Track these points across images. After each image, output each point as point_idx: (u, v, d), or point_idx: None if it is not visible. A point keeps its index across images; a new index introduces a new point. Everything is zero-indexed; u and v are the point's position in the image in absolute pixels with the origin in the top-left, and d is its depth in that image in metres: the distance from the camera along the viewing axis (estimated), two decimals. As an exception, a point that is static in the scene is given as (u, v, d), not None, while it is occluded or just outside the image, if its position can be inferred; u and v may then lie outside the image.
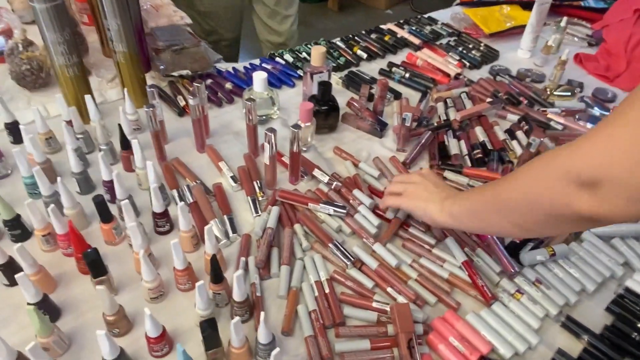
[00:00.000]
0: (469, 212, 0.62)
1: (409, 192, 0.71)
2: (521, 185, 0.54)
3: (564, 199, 0.47)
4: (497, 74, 1.18)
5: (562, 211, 0.48)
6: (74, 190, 0.80)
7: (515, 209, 0.55)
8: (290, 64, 1.18)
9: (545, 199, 0.50)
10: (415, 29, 1.36)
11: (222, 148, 0.92)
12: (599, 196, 0.43)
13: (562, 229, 0.51)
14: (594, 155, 0.44)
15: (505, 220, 0.57)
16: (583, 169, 0.44)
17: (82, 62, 0.88)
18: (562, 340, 0.64)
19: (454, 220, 0.64)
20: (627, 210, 0.43)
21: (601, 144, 0.44)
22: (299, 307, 0.65)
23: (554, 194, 0.48)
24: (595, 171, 0.43)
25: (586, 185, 0.44)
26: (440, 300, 0.67)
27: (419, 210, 0.69)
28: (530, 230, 0.56)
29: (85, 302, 0.65)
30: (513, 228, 0.57)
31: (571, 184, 0.45)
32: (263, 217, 0.76)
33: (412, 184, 0.72)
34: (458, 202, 0.63)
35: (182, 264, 0.63)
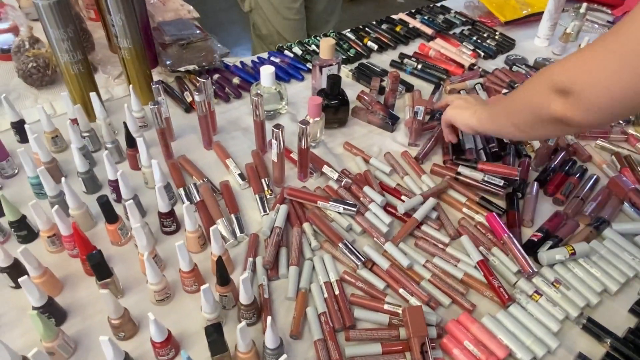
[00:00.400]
0: (489, 116, 0.71)
1: (454, 102, 0.81)
2: (521, 90, 0.64)
3: (543, 101, 0.56)
4: (514, 64, 1.14)
5: (542, 112, 0.57)
6: (81, 190, 0.79)
7: (515, 110, 0.65)
8: (299, 57, 1.16)
9: (533, 101, 0.59)
10: (427, 18, 1.32)
11: (230, 145, 0.91)
12: (568, 102, 0.53)
13: (546, 130, 0.61)
14: (569, 68, 0.53)
15: (509, 122, 0.66)
16: (560, 78, 0.53)
17: (87, 59, 0.87)
18: (583, 343, 0.61)
19: (479, 124, 0.73)
20: (586, 117, 0.52)
21: (579, 60, 0.52)
22: (308, 309, 0.63)
23: (537, 97, 0.58)
24: (567, 80, 0.52)
25: (560, 92, 0.53)
26: (454, 301, 0.65)
27: (457, 115, 0.78)
28: (523, 131, 0.65)
29: (92, 305, 0.64)
30: (513, 128, 0.66)
31: (550, 89, 0.54)
32: (271, 215, 0.74)
33: (458, 99, 0.82)
34: (486, 109, 0.73)
35: (187, 265, 0.61)
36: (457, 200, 0.79)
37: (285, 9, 1.60)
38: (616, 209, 0.78)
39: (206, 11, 3.23)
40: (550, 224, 0.74)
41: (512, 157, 0.85)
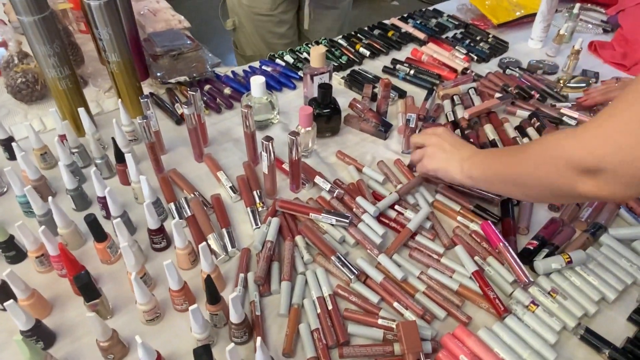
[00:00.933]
0: (484, 178, 0.68)
1: (428, 153, 0.76)
2: (530, 164, 0.58)
3: (568, 182, 0.52)
4: (507, 67, 1.13)
5: (567, 192, 0.54)
6: (70, 207, 0.78)
7: (524, 183, 0.61)
8: (291, 65, 1.15)
9: (551, 180, 0.55)
10: (419, 22, 1.32)
11: (222, 156, 0.90)
12: (600, 181, 0.49)
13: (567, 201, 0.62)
14: (591, 144, 0.49)
15: (515, 190, 0.64)
16: (585, 158, 0.49)
17: (75, 74, 0.86)
18: (582, 354, 0.60)
19: (472, 182, 0.69)
20: (626, 193, 0.49)
21: (599, 133, 0.48)
22: (301, 326, 0.62)
23: (559, 178, 0.53)
24: (593, 159, 0.48)
25: (588, 172, 0.49)
26: (450, 314, 0.64)
27: (440, 171, 0.74)
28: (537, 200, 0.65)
29: (82, 325, 0.63)
30: (523, 197, 0.66)
31: (575, 170, 0.50)
32: (263, 229, 0.73)
33: (430, 146, 0.76)
34: (475, 167, 0.68)
35: (177, 284, 0.60)
36: (451, 208, 0.78)
37: (269, 33, 1.46)
38: (613, 214, 0.77)
39: (199, 19, 3.23)
40: (546, 231, 0.73)
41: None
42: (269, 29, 1.45)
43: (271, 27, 1.45)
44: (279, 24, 1.45)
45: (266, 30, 1.45)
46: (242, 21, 1.47)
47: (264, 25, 1.44)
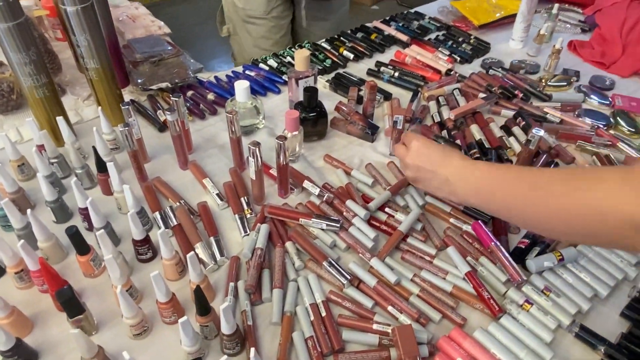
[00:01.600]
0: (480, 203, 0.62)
1: (415, 179, 0.71)
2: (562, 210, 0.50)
3: (624, 240, 0.46)
4: (490, 67, 1.14)
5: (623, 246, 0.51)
6: (50, 220, 0.75)
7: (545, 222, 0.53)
8: (275, 70, 1.14)
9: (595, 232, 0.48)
10: (402, 25, 1.32)
11: (207, 163, 0.88)
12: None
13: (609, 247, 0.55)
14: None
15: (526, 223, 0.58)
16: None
17: (52, 82, 0.83)
18: (577, 352, 0.60)
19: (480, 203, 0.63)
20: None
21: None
22: (295, 334, 0.60)
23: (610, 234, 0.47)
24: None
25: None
26: (445, 316, 0.63)
27: (440, 194, 0.69)
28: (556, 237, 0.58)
29: (65, 343, 0.60)
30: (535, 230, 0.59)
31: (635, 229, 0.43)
32: (252, 236, 0.71)
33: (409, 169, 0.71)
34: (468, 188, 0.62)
35: (164, 296, 0.58)
36: (441, 210, 0.77)
37: (262, 39, 1.43)
38: (601, 210, 0.77)
39: (180, 25, 3.20)
40: (536, 230, 0.73)
41: (493, 162, 0.84)
42: (263, 34, 1.42)
43: (265, 33, 1.42)
44: (273, 30, 1.42)
45: (260, 36, 1.43)
46: (237, 28, 1.46)
47: (258, 30, 1.42)
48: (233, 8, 1.42)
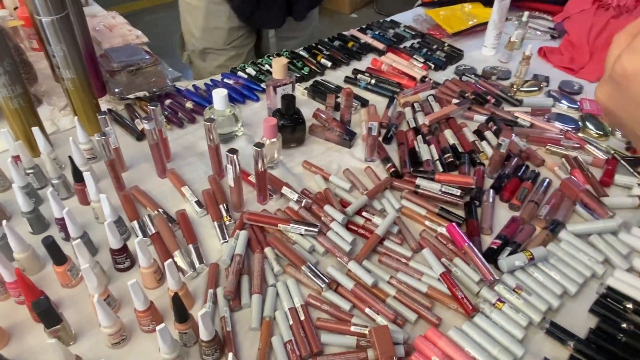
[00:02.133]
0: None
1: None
2: None
3: None
4: (463, 73, 1.17)
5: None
6: (27, 231, 0.74)
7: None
8: (253, 78, 1.15)
9: None
10: (378, 33, 1.35)
11: (186, 171, 0.88)
12: None
13: None
14: None
15: None
16: None
17: (27, 93, 0.83)
18: (548, 348, 0.62)
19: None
20: None
21: None
22: (274, 338, 0.61)
23: None
24: None
25: None
26: (420, 316, 0.64)
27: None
28: None
29: (42, 354, 0.60)
30: None
31: None
32: (231, 243, 0.72)
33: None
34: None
35: (142, 304, 0.58)
36: (417, 213, 0.79)
37: (223, 67, 1.35)
38: (569, 211, 0.80)
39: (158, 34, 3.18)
40: (508, 230, 0.75)
41: (467, 166, 0.87)
42: (223, 62, 1.37)
43: (225, 62, 1.37)
44: (235, 58, 1.37)
45: (219, 65, 1.37)
46: (196, 56, 1.40)
47: (219, 60, 1.37)
48: (192, 38, 1.36)
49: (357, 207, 0.78)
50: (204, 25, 1.31)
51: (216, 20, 1.29)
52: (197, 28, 1.32)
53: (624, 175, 0.87)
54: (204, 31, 1.32)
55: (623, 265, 0.71)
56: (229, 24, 1.30)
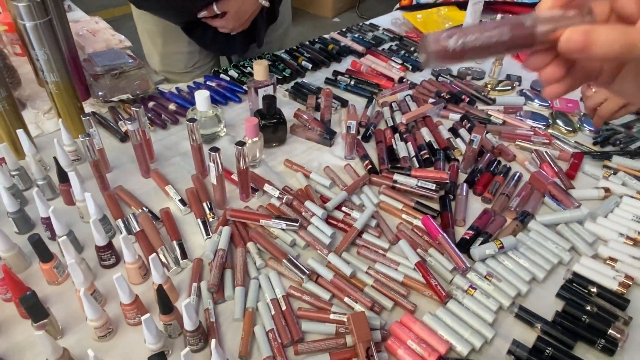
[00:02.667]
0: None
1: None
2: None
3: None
4: (439, 74, 1.21)
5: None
6: (12, 230, 0.76)
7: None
8: (236, 80, 1.17)
9: None
10: (357, 36, 1.38)
11: (170, 171, 0.90)
12: None
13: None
14: None
15: None
16: None
17: (11, 96, 0.84)
18: (517, 330, 0.66)
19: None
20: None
21: None
22: (256, 327, 0.63)
23: None
24: None
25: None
26: (397, 303, 0.67)
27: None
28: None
29: (30, 349, 0.61)
30: None
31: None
32: (214, 238, 0.74)
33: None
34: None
35: (128, 298, 0.60)
36: (394, 207, 0.82)
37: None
38: (538, 202, 0.84)
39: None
40: (480, 222, 0.79)
41: (442, 162, 0.90)
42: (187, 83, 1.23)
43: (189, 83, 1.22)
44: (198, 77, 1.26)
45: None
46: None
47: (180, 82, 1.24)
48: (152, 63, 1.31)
49: (336, 202, 0.81)
50: (162, 50, 1.25)
51: (175, 45, 1.23)
52: (157, 53, 1.26)
53: (593, 167, 0.91)
54: (163, 56, 1.27)
55: (588, 252, 0.75)
56: (189, 48, 1.24)
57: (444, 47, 0.35)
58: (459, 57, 0.35)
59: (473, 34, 0.34)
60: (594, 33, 0.31)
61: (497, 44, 0.35)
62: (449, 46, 0.35)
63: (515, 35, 0.34)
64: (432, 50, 0.35)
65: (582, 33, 0.32)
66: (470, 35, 0.34)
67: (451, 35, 0.35)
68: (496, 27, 0.35)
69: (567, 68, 0.37)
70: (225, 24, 1.06)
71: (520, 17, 0.35)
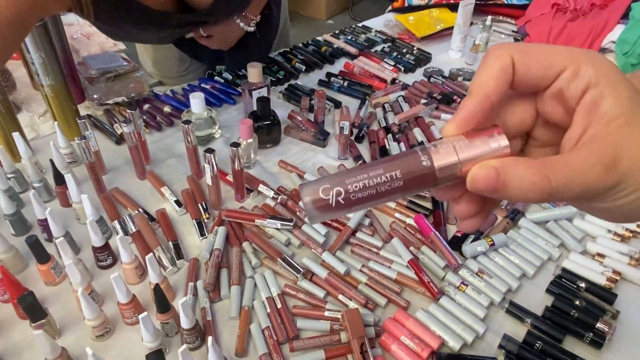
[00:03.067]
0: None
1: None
2: None
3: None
4: (431, 75, 1.23)
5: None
6: (9, 232, 0.76)
7: None
8: (230, 82, 1.18)
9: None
10: (350, 38, 1.40)
11: (165, 173, 0.91)
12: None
13: None
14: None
15: None
16: None
17: (7, 99, 0.85)
18: (508, 325, 0.67)
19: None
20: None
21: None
22: (252, 325, 0.64)
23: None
24: None
25: None
26: (390, 300, 0.69)
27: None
28: None
29: (28, 349, 0.62)
30: None
31: None
32: (210, 238, 0.75)
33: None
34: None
35: (125, 297, 0.61)
36: (387, 206, 0.84)
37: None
38: (529, 200, 0.85)
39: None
40: (471, 220, 0.80)
41: (434, 162, 0.92)
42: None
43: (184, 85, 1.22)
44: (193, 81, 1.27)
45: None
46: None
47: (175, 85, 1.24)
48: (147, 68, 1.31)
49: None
50: (154, 55, 1.27)
51: (167, 50, 1.23)
52: (149, 57, 1.28)
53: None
54: (155, 61, 1.28)
55: (577, 248, 0.77)
56: (180, 54, 1.23)
57: (323, 200, 0.29)
58: (344, 208, 0.30)
59: (357, 182, 0.29)
60: (506, 170, 0.26)
61: (391, 191, 0.29)
62: (329, 200, 0.29)
63: (411, 180, 0.29)
64: (309, 203, 0.30)
65: (492, 171, 0.26)
66: (353, 184, 0.29)
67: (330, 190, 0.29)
68: (386, 170, 0.29)
69: (482, 201, 0.31)
70: (211, 45, 1.08)
71: (415, 151, 0.29)
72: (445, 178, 0.29)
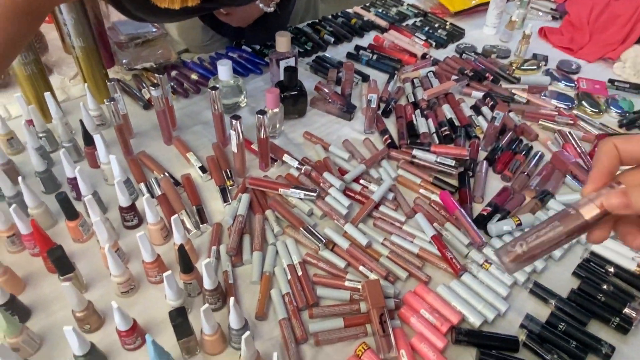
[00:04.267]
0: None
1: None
2: None
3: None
4: (463, 52, 1.19)
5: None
6: (39, 190, 0.78)
7: None
8: (257, 52, 1.17)
9: None
10: (381, 11, 1.36)
11: (191, 139, 0.92)
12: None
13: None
14: None
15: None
16: None
17: (39, 60, 0.86)
18: (531, 305, 0.66)
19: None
20: None
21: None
22: (272, 291, 0.65)
23: None
24: None
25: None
26: (411, 274, 0.68)
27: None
28: None
29: (56, 301, 0.64)
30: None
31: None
32: (233, 205, 0.76)
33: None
34: None
35: (150, 256, 0.62)
36: (412, 182, 0.83)
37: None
38: (559, 182, 0.83)
39: (165, 12, 3.16)
40: (498, 199, 0.78)
41: (462, 139, 0.90)
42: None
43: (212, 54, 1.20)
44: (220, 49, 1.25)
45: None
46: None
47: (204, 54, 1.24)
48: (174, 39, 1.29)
49: (354, 174, 0.82)
50: (179, 24, 1.25)
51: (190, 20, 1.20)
52: (174, 26, 1.26)
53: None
54: (181, 31, 1.27)
55: (607, 233, 0.74)
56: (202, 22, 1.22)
57: (516, 254, 0.41)
58: (531, 257, 0.41)
59: (532, 236, 0.41)
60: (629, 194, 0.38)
61: (557, 238, 0.40)
62: (518, 252, 0.41)
63: (569, 228, 0.40)
64: (507, 260, 0.42)
65: (620, 194, 0.38)
66: (530, 237, 0.41)
67: (515, 244, 0.42)
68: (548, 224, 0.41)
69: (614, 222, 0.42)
70: (231, 22, 1.07)
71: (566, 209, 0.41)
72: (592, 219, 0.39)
